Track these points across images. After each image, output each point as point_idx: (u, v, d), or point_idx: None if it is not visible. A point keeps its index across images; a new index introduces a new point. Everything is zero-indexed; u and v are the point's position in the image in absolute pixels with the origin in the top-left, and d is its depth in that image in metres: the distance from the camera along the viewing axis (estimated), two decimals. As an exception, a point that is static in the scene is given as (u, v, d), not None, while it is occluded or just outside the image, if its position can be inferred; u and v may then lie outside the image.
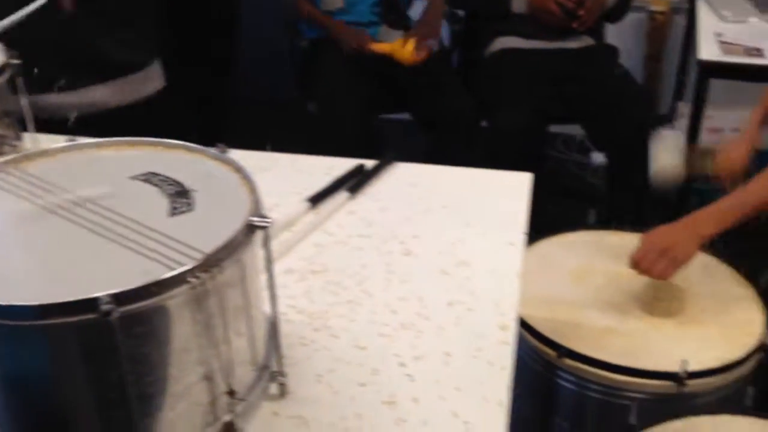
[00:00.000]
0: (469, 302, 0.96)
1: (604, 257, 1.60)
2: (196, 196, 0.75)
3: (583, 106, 2.41)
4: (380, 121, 2.62)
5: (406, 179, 1.25)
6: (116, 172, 0.80)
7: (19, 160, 0.81)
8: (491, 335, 0.91)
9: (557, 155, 3.14)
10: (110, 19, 1.43)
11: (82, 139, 0.86)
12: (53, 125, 1.20)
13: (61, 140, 0.86)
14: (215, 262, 0.65)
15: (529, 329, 1.41)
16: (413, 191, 1.21)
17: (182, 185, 0.77)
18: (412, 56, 2.28)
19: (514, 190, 1.21)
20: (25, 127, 1.12)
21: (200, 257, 0.64)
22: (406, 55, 2.27)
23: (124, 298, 0.60)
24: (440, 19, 2.48)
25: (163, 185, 0.77)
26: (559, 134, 3.13)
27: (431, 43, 2.36)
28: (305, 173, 1.25)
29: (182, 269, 0.62)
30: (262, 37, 2.85)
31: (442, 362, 0.87)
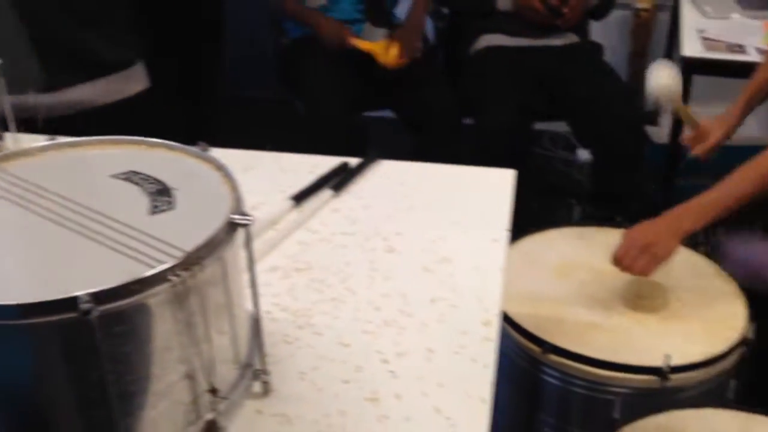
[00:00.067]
0: (452, 299, 0.97)
1: (588, 253, 1.60)
2: (177, 194, 0.75)
3: (568, 103, 2.42)
4: (365, 119, 2.62)
5: (390, 177, 1.25)
6: (97, 171, 0.80)
7: (-1, 159, 0.81)
8: (474, 332, 0.91)
9: (543, 152, 3.15)
10: (90, 18, 1.42)
11: (62, 138, 0.86)
12: (34, 125, 1.20)
13: (41, 140, 0.86)
14: (196, 260, 0.65)
15: (513, 325, 1.42)
16: (397, 189, 1.21)
17: (163, 184, 0.77)
18: (395, 61, 2.27)
19: (497, 186, 1.21)
20: (6, 127, 1.12)
21: (181, 255, 0.64)
22: (389, 59, 2.27)
23: (103, 297, 0.60)
24: (424, 23, 2.48)
25: (144, 184, 0.77)
26: (545, 131, 3.15)
27: (415, 49, 2.36)
28: (289, 171, 1.25)
29: (162, 267, 0.62)
30: (247, 36, 2.85)
31: (424, 359, 0.87)
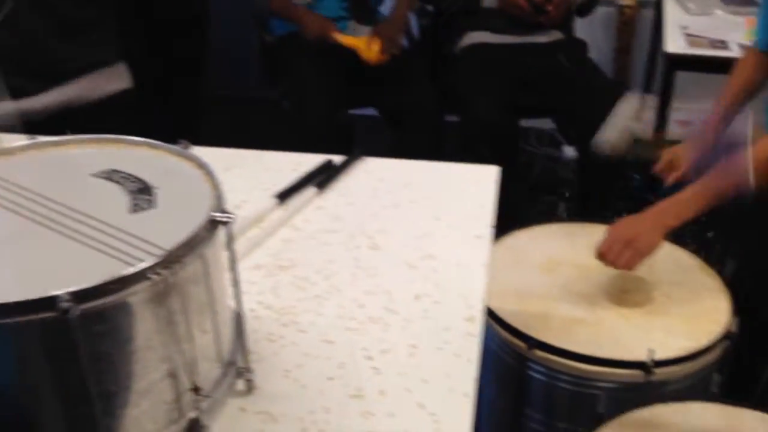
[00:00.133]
0: (436, 295, 0.97)
1: (573, 250, 1.61)
2: (158, 192, 0.75)
3: (553, 100, 2.43)
4: (350, 116, 2.62)
5: (374, 174, 1.25)
6: (77, 169, 0.79)
7: (-22, 159, 0.81)
8: (458, 327, 0.92)
9: (530, 149, 3.16)
10: (71, 19, 1.42)
11: (43, 137, 0.86)
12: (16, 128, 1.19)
13: (22, 139, 0.85)
14: (176, 258, 0.65)
15: (499, 322, 1.42)
16: (381, 186, 1.22)
17: (144, 182, 0.76)
18: (377, 56, 2.28)
19: (481, 183, 1.21)
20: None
21: (161, 254, 0.64)
22: (371, 55, 2.27)
23: (83, 295, 0.60)
24: (407, 18, 2.48)
25: (124, 182, 0.76)
26: (531, 128, 3.16)
27: (397, 45, 2.36)
28: (273, 169, 1.25)
29: (142, 266, 0.62)
30: (231, 34, 2.84)
31: (408, 355, 0.87)
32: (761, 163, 1.37)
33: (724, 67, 1.96)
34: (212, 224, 0.70)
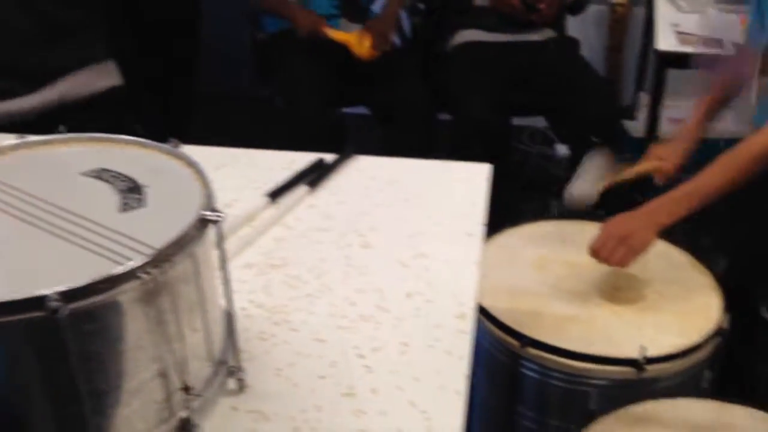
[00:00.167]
0: (427, 293, 0.97)
1: (565, 247, 1.61)
2: (148, 191, 0.75)
3: (545, 98, 2.43)
4: (343, 114, 2.62)
5: (366, 172, 1.25)
6: (67, 168, 0.79)
7: (-33, 158, 0.80)
8: (449, 325, 0.92)
9: (522, 147, 3.16)
10: (55, 21, 1.41)
11: (32, 137, 0.85)
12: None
13: (11, 138, 0.85)
14: (166, 257, 0.65)
15: (492, 319, 1.42)
16: (373, 184, 1.22)
17: (134, 181, 0.76)
18: (368, 52, 2.27)
19: (473, 181, 1.21)
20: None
21: (151, 253, 0.64)
22: (362, 51, 2.27)
23: (72, 295, 0.59)
24: (398, 15, 2.48)
25: (114, 181, 0.76)
26: (524, 127, 3.16)
27: (389, 41, 2.36)
28: (265, 168, 1.25)
29: (132, 265, 0.62)
30: (223, 32, 2.83)
31: (400, 353, 0.87)
32: (753, 158, 1.38)
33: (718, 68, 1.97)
34: (202, 223, 0.70)
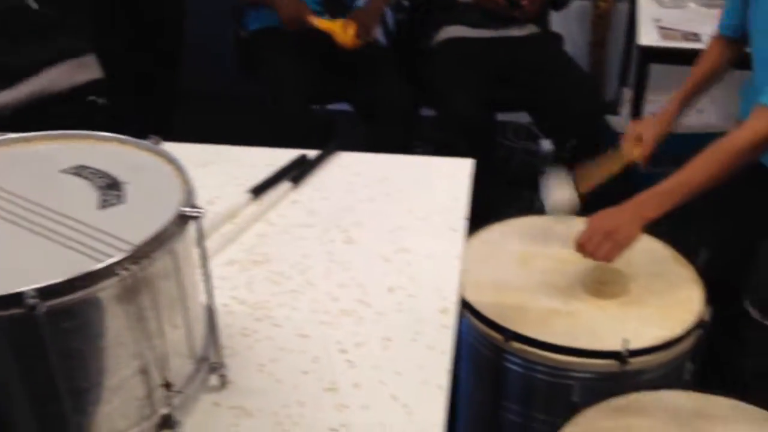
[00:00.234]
0: (409, 288, 0.97)
1: (549, 242, 1.62)
2: (127, 188, 0.75)
3: (529, 93, 2.44)
4: (327, 111, 2.62)
5: (348, 168, 1.25)
6: (46, 166, 0.79)
7: (-56, 156, 0.80)
8: (431, 320, 0.92)
9: (507, 143, 3.17)
10: (37, 15, 1.40)
11: (11, 134, 0.85)
12: None
13: (-11, 135, 0.84)
14: (145, 253, 0.64)
15: (476, 314, 1.43)
16: (356, 180, 1.22)
17: (113, 178, 0.76)
18: (352, 41, 2.26)
19: (455, 176, 1.22)
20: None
21: (129, 249, 0.63)
22: (347, 39, 2.26)
23: (50, 292, 0.59)
24: (383, 9, 2.48)
25: (93, 178, 0.76)
26: (508, 122, 3.17)
27: (372, 31, 2.36)
28: (248, 165, 1.24)
29: (110, 261, 0.62)
30: (208, 30, 2.82)
31: (382, 347, 0.88)
32: (736, 152, 1.39)
33: (696, 59, 1.98)
34: (182, 219, 0.70)
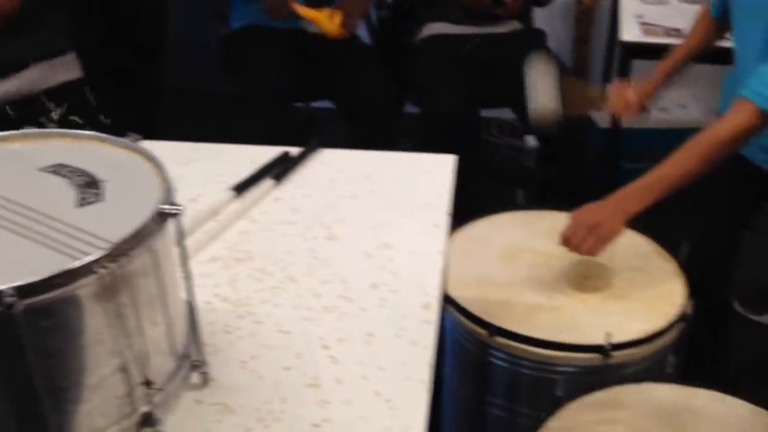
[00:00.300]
0: (392, 283, 0.98)
1: (533, 237, 1.63)
2: (106, 186, 0.74)
3: (512, 89, 2.44)
4: (310, 108, 2.61)
5: (331, 165, 1.25)
6: (24, 164, 0.78)
7: None
8: (414, 315, 0.92)
9: (492, 140, 3.18)
10: (16, 13, 1.39)
11: (-12, 133, 0.84)
12: None
13: (-33, 135, 0.84)
14: (123, 251, 0.64)
15: (460, 310, 1.43)
16: (338, 176, 1.22)
17: (92, 176, 0.75)
18: (338, 30, 2.25)
19: (438, 172, 1.22)
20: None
21: (107, 247, 0.63)
22: (332, 28, 2.24)
23: (28, 290, 0.59)
24: (368, 3, 2.48)
25: (72, 176, 0.75)
26: (493, 119, 3.18)
27: (357, 21, 2.35)
28: (231, 163, 1.24)
29: (88, 260, 0.62)
30: (191, 27, 2.81)
31: (365, 343, 0.88)
32: (716, 145, 1.40)
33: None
34: (161, 217, 0.70)
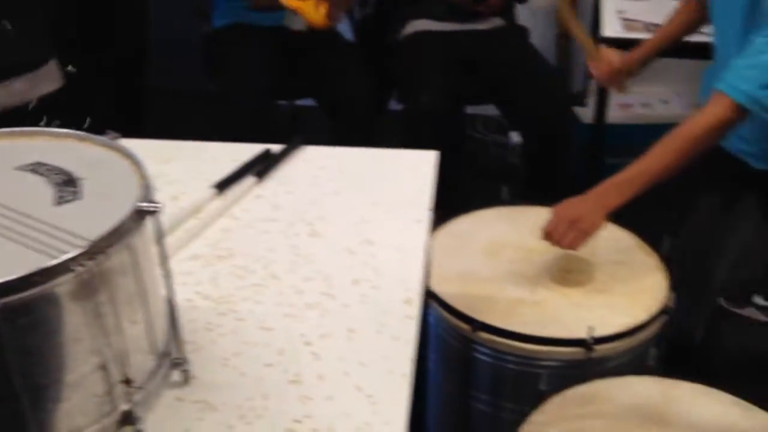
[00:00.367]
0: (374, 279, 0.98)
1: (516, 232, 1.64)
2: (84, 184, 0.74)
3: (496, 86, 2.45)
4: (292, 106, 2.60)
5: (313, 162, 1.25)
6: (1, 163, 0.78)
7: None
8: (396, 310, 0.93)
9: (477, 136, 3.19)
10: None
11: (-34, 132, 0.84)
12: None
13: (-56, 134, 0.83)
14: (101, 249, 0.64)
15: (444, 306, 1.44)
16: (321, 173, 1.22)
17: (69, 174, 0.75)
18: (323, 20, 2.24)
19: (420, 168, 1.22)
20: None
21: (84, 245, 0.63)
22: (318, 18, 2.23)
23: (5, 288, 0.59)
24: None
25: (49, 175, 0.75)
26: (478, 115, 3.18)
27: (343, 11, 2.35)
28: (212, 160, 1.24)
29: (65, 258, 0.61)
30: (173, 26, 2.80)
31: (346, 339, 0.88)
32: (695, 138, 1.41)
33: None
34: (139, 214, 0.69)
